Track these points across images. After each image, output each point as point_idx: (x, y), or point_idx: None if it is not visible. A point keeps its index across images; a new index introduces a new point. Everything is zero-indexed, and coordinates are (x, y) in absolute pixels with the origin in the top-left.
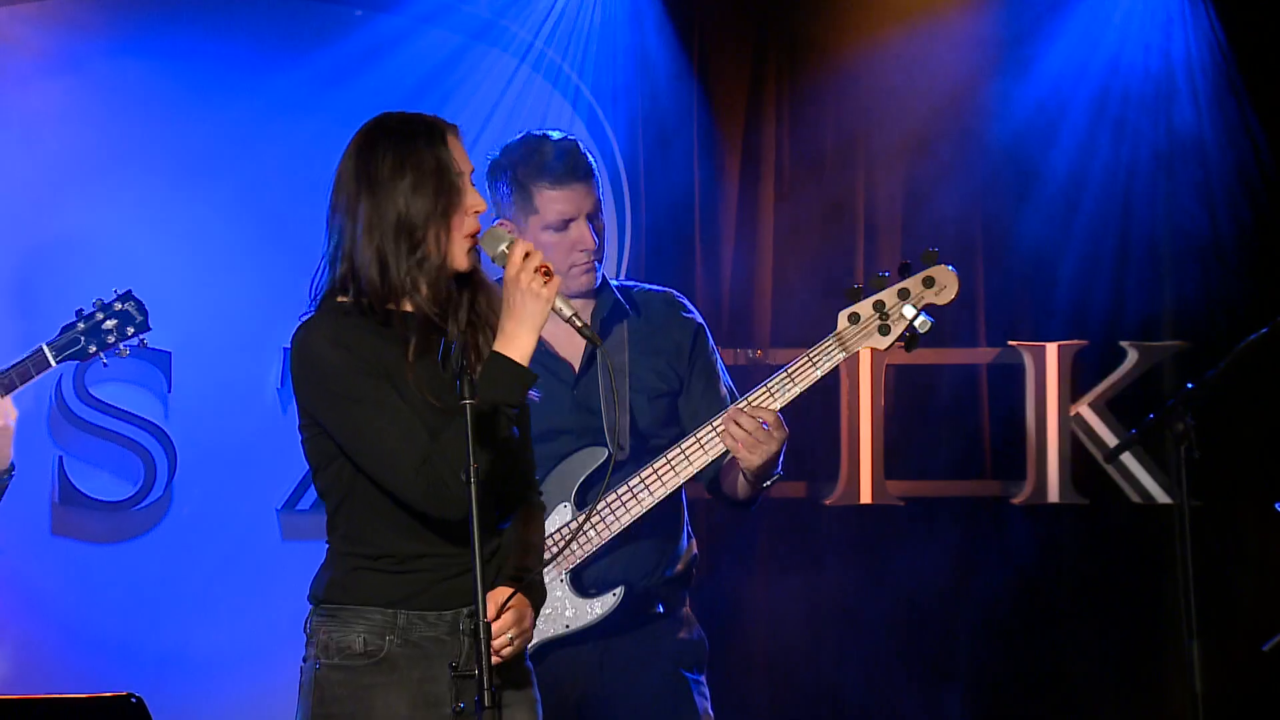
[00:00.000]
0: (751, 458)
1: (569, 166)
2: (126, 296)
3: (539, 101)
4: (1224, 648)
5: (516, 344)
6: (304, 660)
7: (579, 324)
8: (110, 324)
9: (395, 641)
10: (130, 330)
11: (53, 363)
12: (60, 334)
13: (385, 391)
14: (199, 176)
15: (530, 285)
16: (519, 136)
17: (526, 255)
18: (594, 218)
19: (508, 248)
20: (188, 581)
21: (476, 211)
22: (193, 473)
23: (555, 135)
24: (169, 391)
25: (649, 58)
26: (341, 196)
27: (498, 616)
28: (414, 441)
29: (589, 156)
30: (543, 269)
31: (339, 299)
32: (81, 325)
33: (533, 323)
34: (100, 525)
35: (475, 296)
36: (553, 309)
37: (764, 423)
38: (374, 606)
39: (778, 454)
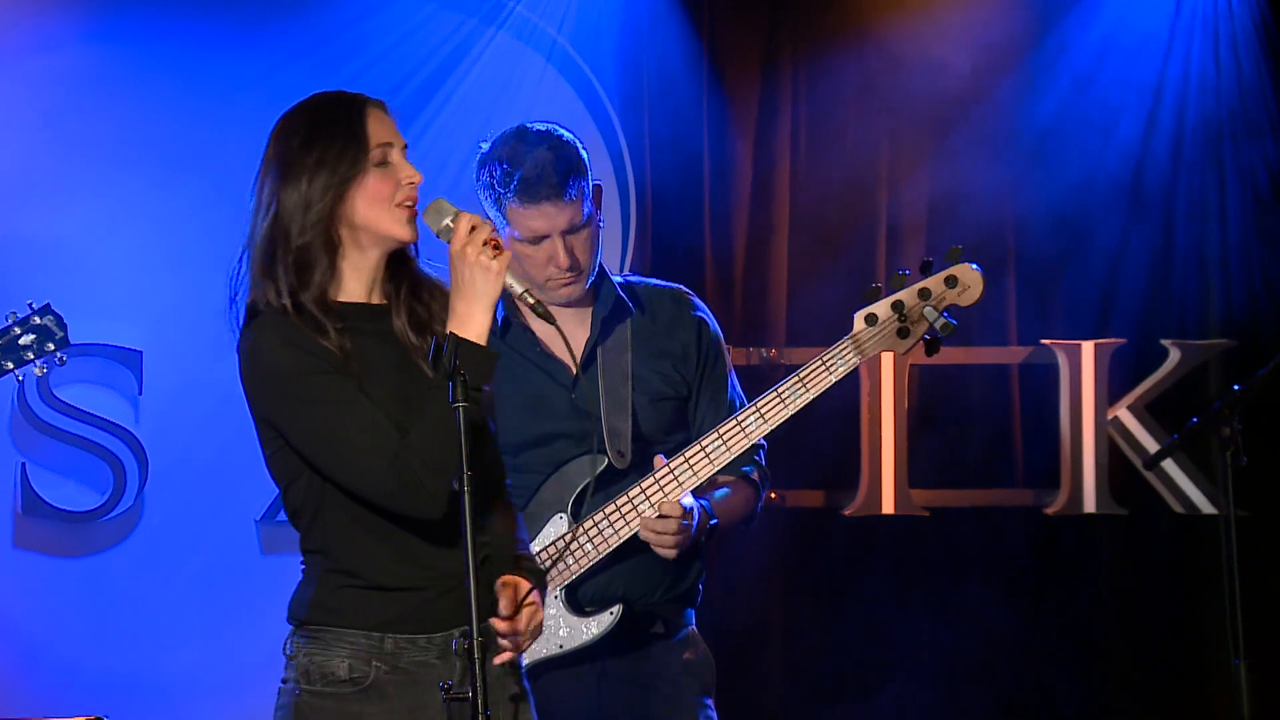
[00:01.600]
0: (673, 553)
1: (543, 184)
2: (45, 310)
3: (534, 79)
4: (1273, 668)
5: (471, 323)
6: (283, 682)
7: (531, 300)
8: (28, 339)
9: (382, 668)
10: (50, 346)
11: None
12: None
13: (345, 388)
14: (171, 166)
15: (479, 259)
16: (505, 133)
17: (473, 229)
18: (575, 231)
19: (452, 221)
20: (160, 598)
21: (411, 182)
22: (165, 481)
23: (540, 141)
24: (140, 393)
25: (654, 31)
26: (258, 191)
27: (517, 612)
28: (382, 438)
29: (575, 163)
30: (492, 242)
31: (277, 301)
32: None
33: (485, 300)
34: (66, 537)
35: (417, 289)
36: (504, 285)
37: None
38: (358, 630)
39: (692, 534)
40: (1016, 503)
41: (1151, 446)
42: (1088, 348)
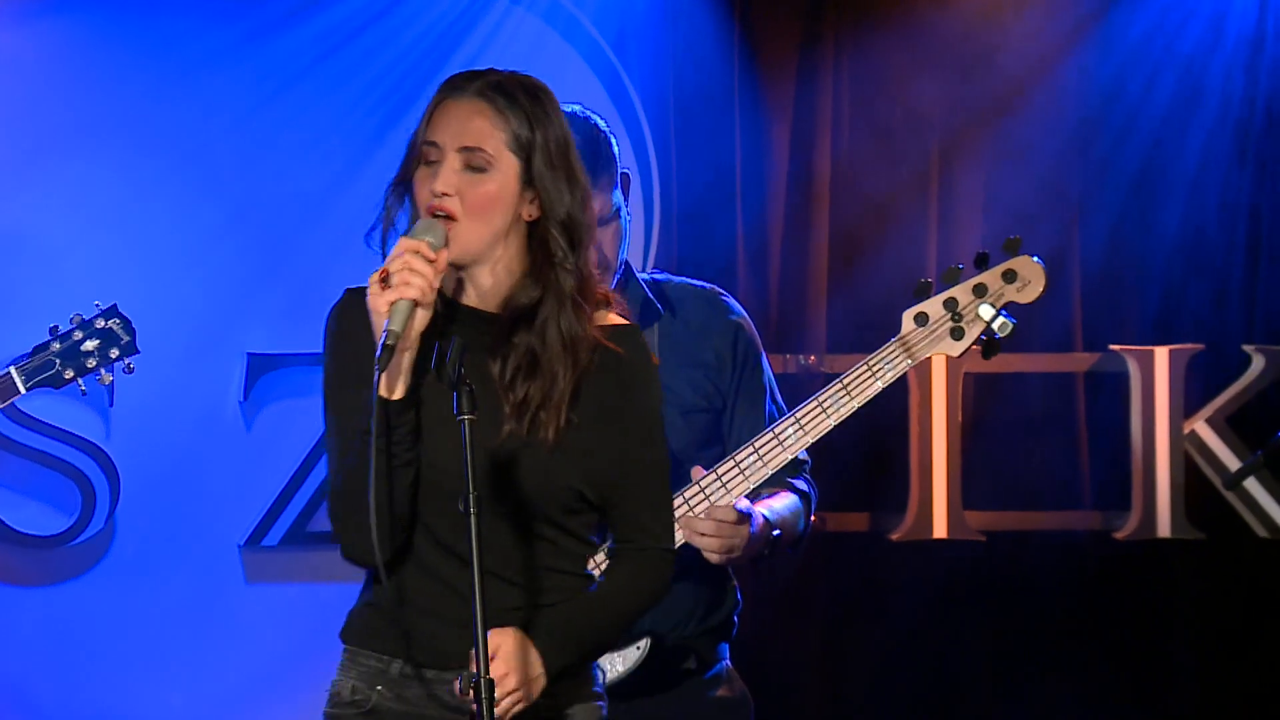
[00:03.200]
0: (720, 557)
1: None
2: (111, 312)
3: (552, 61)
4: None
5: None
6: None
7: (388, 342)
8: (91, 344)
9: (386, 694)
10: (115, 353)
11: (22, 389)
12: (32, 355)
13: (353, 404)
14: (143, 152)
15: (369, 291)
16: None
17: (399, 255)
18: (602, 224)
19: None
20: (133, 631)
21: (434, 192)
22: (139, 502)
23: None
24: (111, 405)
25: (682, 10)
26: None
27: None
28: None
29: (603, 149)
30: (380, 274)
31: None
32: (57, 345)
33: (377, 339)
34: (29, 564)
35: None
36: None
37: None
38: (371, 651)
39: (751, 539)
40: (1083, 526)
41: (1232, 464)
42: (1161, 354)
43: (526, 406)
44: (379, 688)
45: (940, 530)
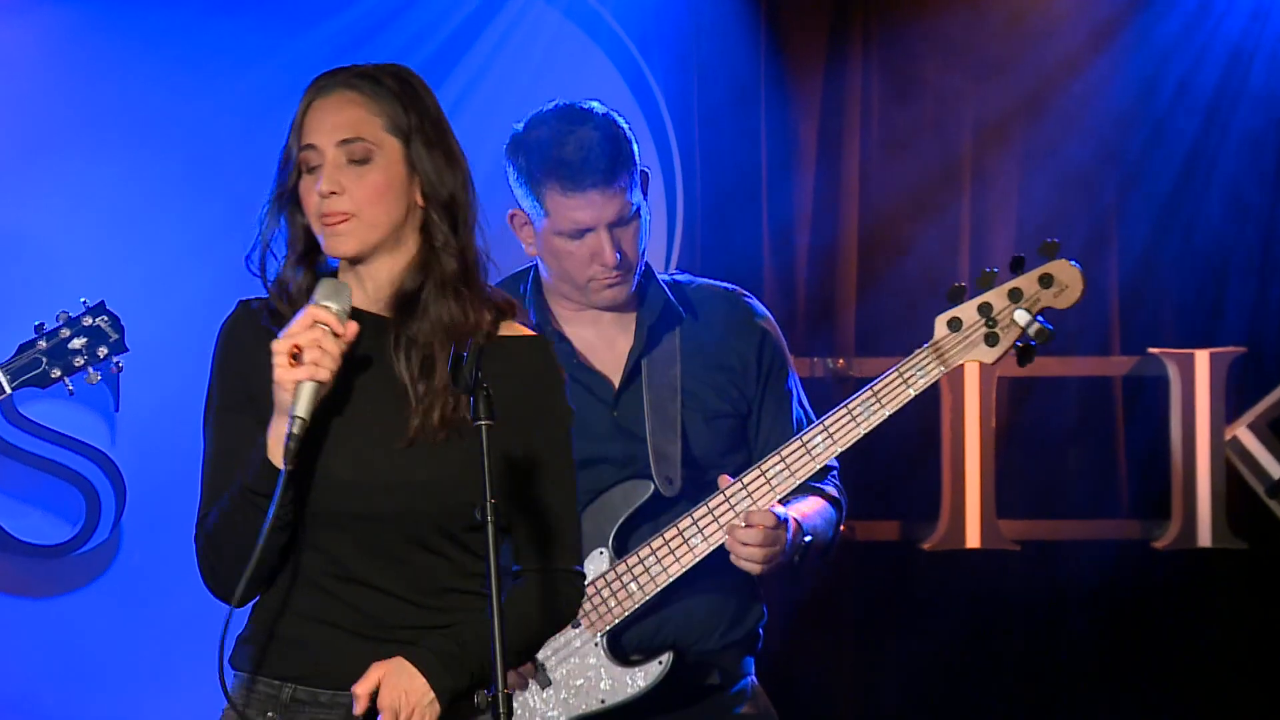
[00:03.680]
0: (760, 567)
1: (589, 169)
2: (98, 309)
3: (574, 57)
4: None
5: (272, 429)
6: None
7: (287, 442)
8: (78, 343)
9: None
10: (103, 351)
11: (7, 389)
12: (16, 354)
13: (234, 427)
14: (150, 158)
15: (275, 361)
16: (542, 112)
17: (311, 326)
18: (623, 223)
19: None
20: (140, 643)
21: (323, 195)
22: (146, 510)
23: (584, 121)
24: (116, 410)
25: (708, 6)
26: None
27: (371, 707)
28: (214, 493)
29: (624, 146)
30: (292, 349)
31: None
32: (43, 344)
33: (278, 409)
34: (32, 575)
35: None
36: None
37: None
38: (262, 676)
39: (786, 549)
40: (1121, 535)
41: (1275, 471)
42: (1202, 357)
43: (422, 400)
44: (270, 714)
45: (973, 539)
